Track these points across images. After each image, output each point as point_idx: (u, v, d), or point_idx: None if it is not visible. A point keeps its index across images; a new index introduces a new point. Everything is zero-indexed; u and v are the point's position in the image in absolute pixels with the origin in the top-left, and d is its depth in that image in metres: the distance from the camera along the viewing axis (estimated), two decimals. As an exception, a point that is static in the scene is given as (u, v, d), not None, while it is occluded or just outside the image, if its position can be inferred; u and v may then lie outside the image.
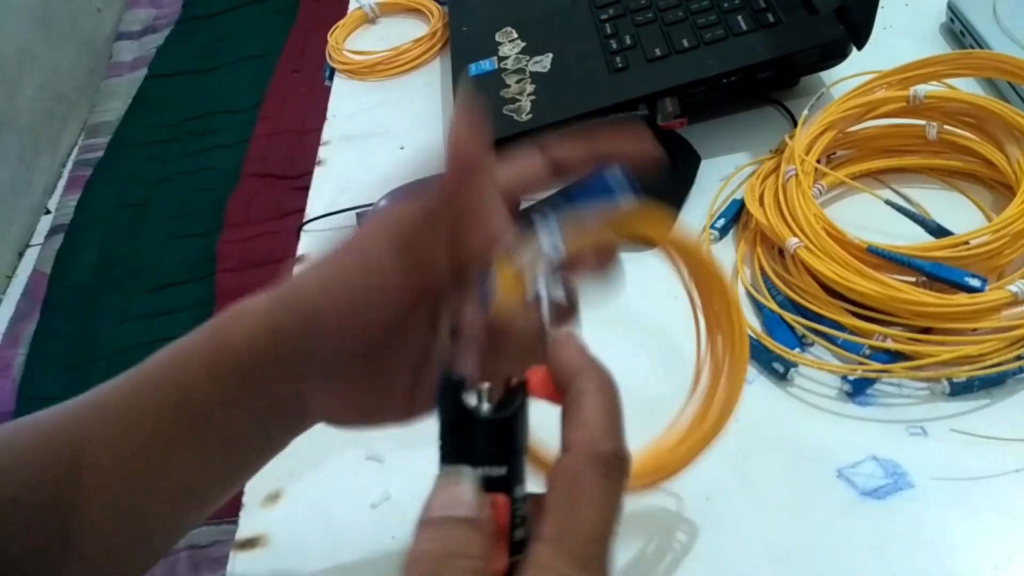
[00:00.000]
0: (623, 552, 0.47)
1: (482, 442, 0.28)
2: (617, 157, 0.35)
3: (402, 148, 0.76)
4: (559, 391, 0.29)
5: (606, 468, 0.26)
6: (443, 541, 0.26)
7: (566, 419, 0.28)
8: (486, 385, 0.29)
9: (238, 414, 0.36)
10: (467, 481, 0.27)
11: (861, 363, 0.50)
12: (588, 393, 0.28)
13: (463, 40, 0.78)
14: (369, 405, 0.36)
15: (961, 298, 0.49)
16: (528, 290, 0.32)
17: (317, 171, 0.76)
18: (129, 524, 0.37)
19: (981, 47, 0.66)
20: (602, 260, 0.33)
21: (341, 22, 0.91)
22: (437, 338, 0.36)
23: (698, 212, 0.62)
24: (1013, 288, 0.48)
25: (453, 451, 0.28)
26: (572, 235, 0.33)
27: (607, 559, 0.26)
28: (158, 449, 0.36)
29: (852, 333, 0.51)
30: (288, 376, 0.35)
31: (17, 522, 0.35)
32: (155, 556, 0.40)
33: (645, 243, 0.36)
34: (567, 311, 0.34)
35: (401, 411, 0.37)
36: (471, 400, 0.29)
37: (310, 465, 0.53)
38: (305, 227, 0.71)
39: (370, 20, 0.91)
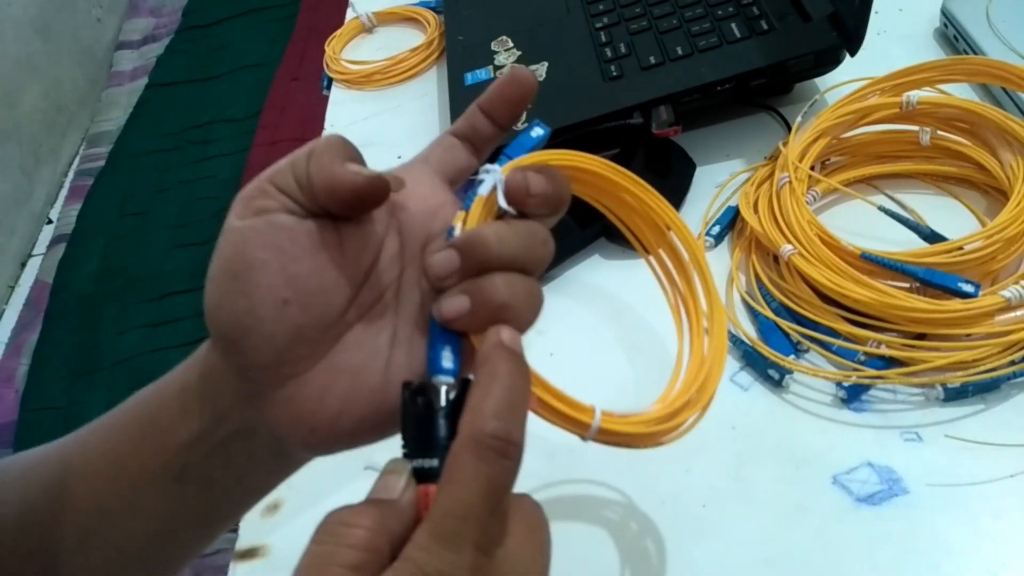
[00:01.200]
0: (621, 558, 0.47)
1: (413, 434, 0.30)
2: (499, 100, 0.37)
3: (399, 157, 0.75)
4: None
5: (480, 449, 0.27)
6: (342, 514, 0.28)
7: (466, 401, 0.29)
8: (447, 382, 0.30)
9: (208, 448, 0.34)
10: (399, 470, 0.29)
11: (856, 369, 0.50)
12: (485, 380, 0.28)
13: (459, 49, 0.79)
14: (338, 407, 0.33)
15: (955, 304, 0.49)
16: (491, 210, 0.33)
17: (315, 181, 0.77)
18: (108, 559, 0.37)
19: (975, 52, 0.66)
20: (545, 196, 0.33)
21: (338, 32, 0.91)
22: (402, 321, 0.34)
23: (693, 219, 0.62)
24: (1006, 293, 0.49)
25: (403, 445, 0.30)
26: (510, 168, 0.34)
27: (480, 538, 0.27)
28: (130, 489, 0.35)
29: (847, 339, 0.51)
30: (246, 389, 0.33)
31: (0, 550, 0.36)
32: None
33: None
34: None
35: (374, 407, 0.33)
36: (431, 397, 0.30)
37: (309, 476, 0.53)
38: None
39: (367, 30, 0.92)
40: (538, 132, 0.37)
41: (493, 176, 0.34)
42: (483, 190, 0.33)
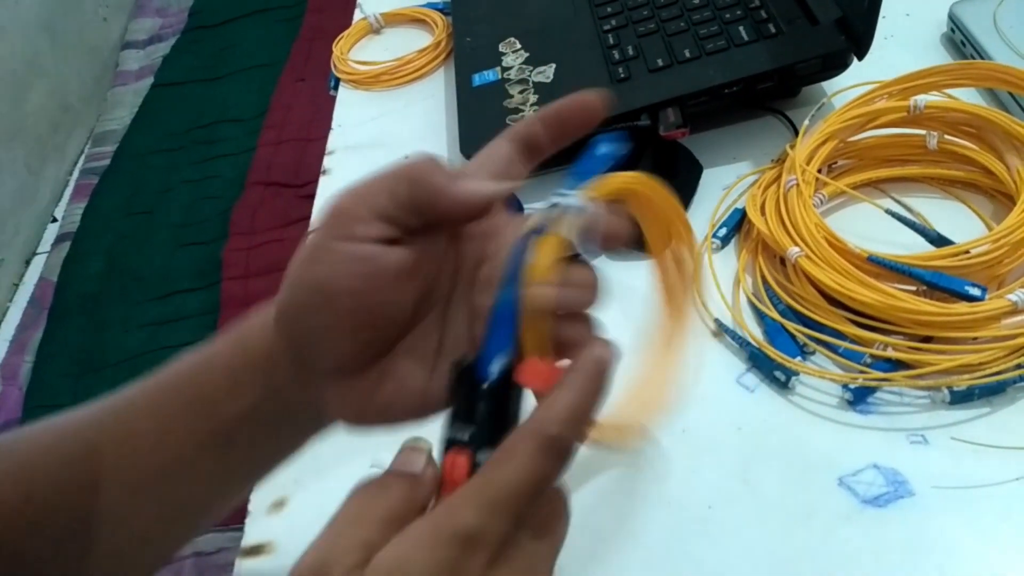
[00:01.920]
0: (626, 559, 0.47)
1: (454, 406, 0.32)
2: (569, 116, 0.37)
3: (406, 157, 0.76)
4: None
5: (544, 445, 0.29)
6: (374, 481, 0.31)
7: (546, 396, 0.31)
8: (500, 363, 0.32)
9: (257, 420, 0.36)
10: (420, 448, 0.32)
11: (862, 372, 0.51)
12: (568, 385, 0.31)
13: (467, 51, 0.79)
14: (385, 403, 0.36)
15: (961, 307, 0.49)
16: (565, 249, 0.34)
17: (322, 180, 0.77)
18: (144, 527, 0.38)
19: (982, 57, 0.66)
20: (615, 226, 0.35)
21: (346, 32, 0.91)
22: (448, 332, 0.36)
23: (700, 221, 0.62)
24: (1013, 297, 0.49)
25: (450, 418, 0.32)
26: (589, 194, 0.34)
27: (517, 514, 0.29)
28: (178, 455, 0.36)
29: (853, 342, 0.52)
30: (302, 377, 0.35)
31: (31, 520, 0.36)
32: (164, 559, 0.40)
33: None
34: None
35: (417, 407, 0.36)
36: (480, 375, 0.32)
37: (315, 473, 0.54)
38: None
39: (375, 31, 0.92)
40: (607, 149, 0.36)
41: (571, 218, 0.34)
42: (564, 230, 0.33)
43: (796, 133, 0.64)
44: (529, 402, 0.33)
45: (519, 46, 0.76)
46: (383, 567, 0.28)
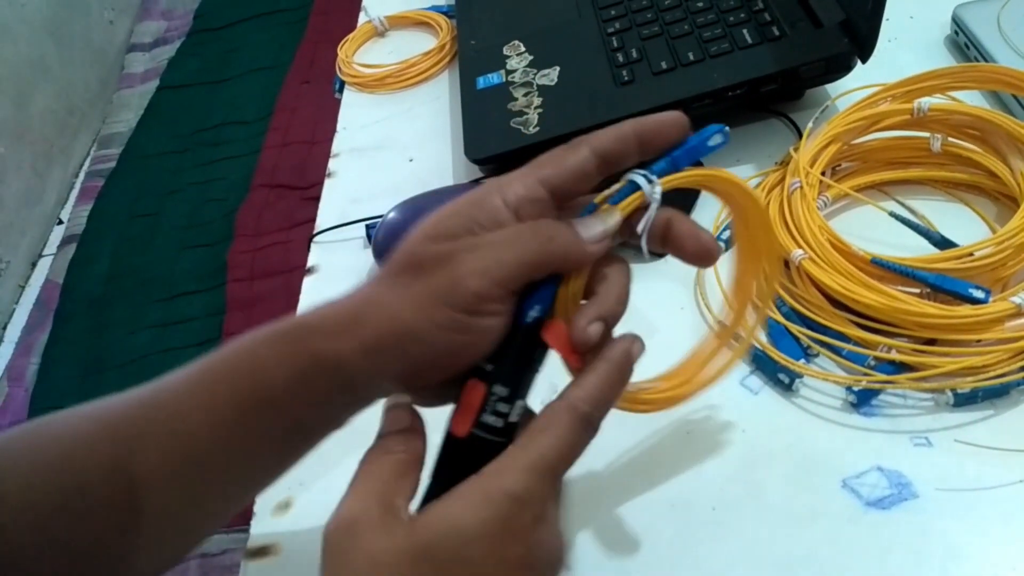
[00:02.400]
0: (629, 561, 0.47)
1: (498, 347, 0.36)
2: (661, 136, 0.38)
3: (411, 160, 0.76)
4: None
5: (577, 419, 0.34)
6: (375, 447, 0.37)
7: (577, 377, 0.36)
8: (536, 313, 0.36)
9: (322, 411, 0.37)
10: (400, 404, 0.38)
11: (866, 374, 0.51)
12: (597, 370, 0.36)
13: (471, 53, 0.79)
14: (448, 388, 0.37)
15: (965, 310, 0.49)
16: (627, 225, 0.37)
17: (327, 183, 0.77)
18: (191, 511, 0.38)
19: (986, 60, 0.66)
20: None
21: (351, 35, 0.92)
22: None
23: (704, 223, 0.62)
24: (1017, 300, 0.49)
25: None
26: (666, 180, 0.37)
27: (559, 481, 0.34)
28: (230, 442, 0.37)
29: (857, 344, 0.52)
30: (380, 381, 0.36)
31: (83, 510, 0.36)
32: (204, 536, 0.41)
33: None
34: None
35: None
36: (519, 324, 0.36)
37: (320, 474, 0.54)
38: (315, 239, 0.72)
39: (379, 33, 0.92)
40: (717, 140, 0.38)
41: (647, 216, 0.37)
42: (640, 228, 0.37)
43: (800, 136, 0.64)
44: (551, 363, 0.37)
45: (523, 49, 0.76)
46: (437, 525, 0.32)
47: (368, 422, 0.38)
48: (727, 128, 0.38)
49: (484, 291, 0.34)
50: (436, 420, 0.38)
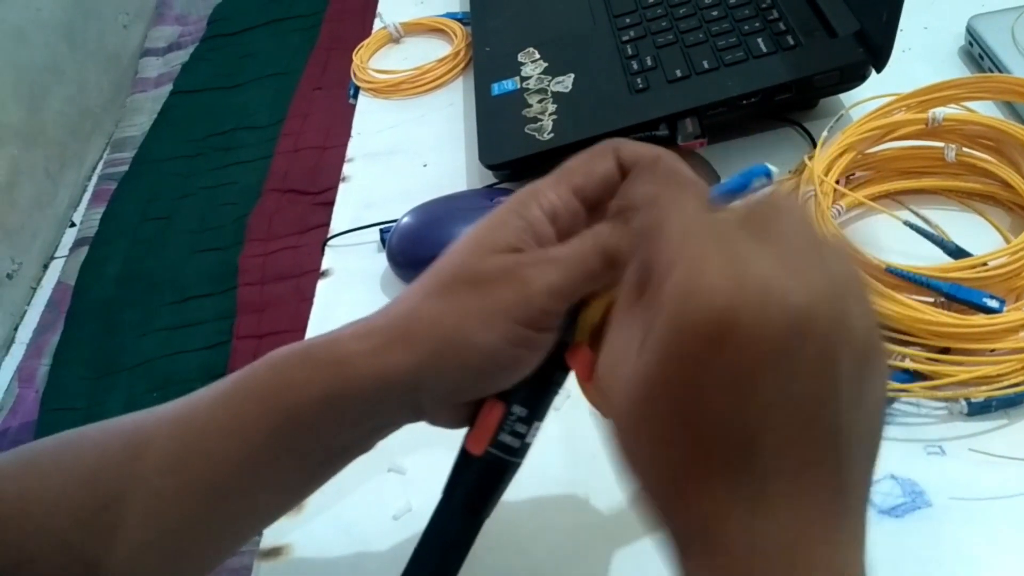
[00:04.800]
0: (635, 566, 0.47)
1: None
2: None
3: (425, 166, 0.77)
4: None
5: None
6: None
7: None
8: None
9: (350, 435, 0.37)
10: None
11: (879, 382, 0.51)
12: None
13: (486, 60, 0.80)
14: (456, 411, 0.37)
15: (979, 319, 0.49)
16: None
17: (341, 187, 0.78)
18: (214, 531, 0.39)
19: (1000, 71, 0.66)
20: None
21: (366, 42, 0.92)
22: None
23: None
24: (1031, 309, 0.49)
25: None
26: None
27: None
28: (257, 464, 0.37)
29: (870, 352, 0.52)
30: (415, 402, 0.36)
31: (107, 528, 0.36)
32: (222, 558, 0.41)
33: None
34: None
35: None
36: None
37: (333, 478, 0.54)
38: (329, 243, 0.72)
39: (394, 40, 0.93)
40: (762, 182, 0.37)
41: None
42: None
43: (814, 144, 0.64)
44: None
45: (538, 56, 0.76)
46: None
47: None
48: (773, 170, 0.38)
49: (552, 308, 0.34)
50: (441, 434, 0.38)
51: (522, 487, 0.52)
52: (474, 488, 0.37)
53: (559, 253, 0.35)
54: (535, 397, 0.37)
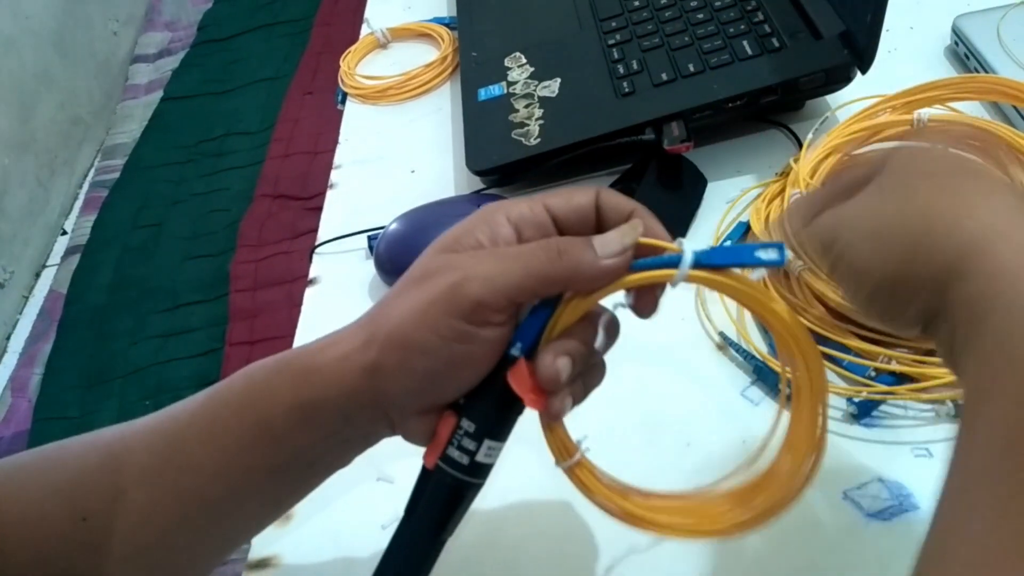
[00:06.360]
0: (631, 573, 0.47)
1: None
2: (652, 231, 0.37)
3: (412, 171, 0.77)
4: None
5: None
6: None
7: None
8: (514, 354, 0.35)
9: (323, 445, 0.37)
10: None
11: (866, 385, 0.51)
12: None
13: (473, 65, 0.79)
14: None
15: (965, 320, 0.49)
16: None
17: (329, 194, 0.77)
18: (195, 550, 0.39)
19: (986, 71, 0.66)
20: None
21: (353, 47, 0.92)
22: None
23: (704, 234, 0.63)
24: (1017, 310, 0.49)
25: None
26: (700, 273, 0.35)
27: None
28: (236, 485, 0.37)
29: (857, 355, 0.52)
30: (382, 414, 0.36)
31: (85, 540, 0.36)
32: (207, 571, 0.41)
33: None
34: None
35: None
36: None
37: (321, 486, 0.54)
38: (317, 250, 0.72)
39: (381, 45, 0.93)
40: (771, 256, 0.34)
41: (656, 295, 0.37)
42: (628, 300, 0.37)
43: (800, 146, 0.64)
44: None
45: (524, 61, 0.76)
46: None
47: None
48: (788, 252, 0.35)
49: (484, 298, 0.33)
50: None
51: (507, 494, 0.52)
52: (429, 505, 0.37)
53: (502, 250, 0.35)
54: (485, 411, 0.36)
